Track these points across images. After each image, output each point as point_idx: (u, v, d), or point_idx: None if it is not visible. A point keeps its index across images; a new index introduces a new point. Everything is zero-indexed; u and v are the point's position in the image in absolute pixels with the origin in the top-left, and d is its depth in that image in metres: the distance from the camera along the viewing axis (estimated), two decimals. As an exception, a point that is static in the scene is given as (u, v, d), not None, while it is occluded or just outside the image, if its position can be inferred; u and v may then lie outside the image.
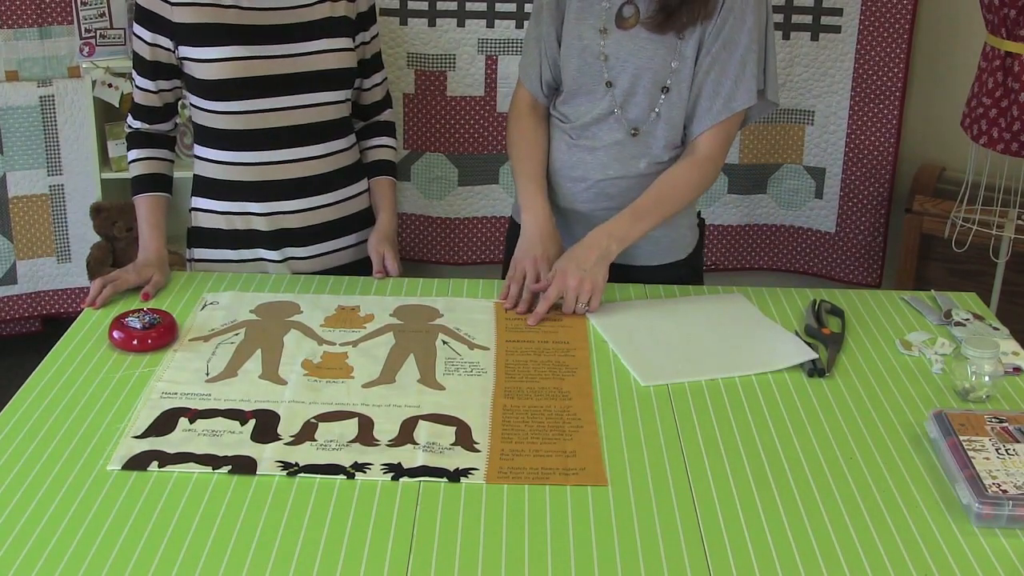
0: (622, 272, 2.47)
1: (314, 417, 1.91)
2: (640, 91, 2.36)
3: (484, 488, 1.74)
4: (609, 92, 2.38)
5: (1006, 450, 1.77)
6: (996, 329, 2.28)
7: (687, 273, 2.54)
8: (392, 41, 4.04)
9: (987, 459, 1.75)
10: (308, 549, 1.60)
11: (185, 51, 2.42)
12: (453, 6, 4.03)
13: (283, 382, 2.03)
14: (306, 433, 1.87)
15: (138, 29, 2.44)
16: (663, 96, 2.35)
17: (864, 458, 1.84)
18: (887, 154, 4.12)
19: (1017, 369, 2.12)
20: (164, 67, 2.46)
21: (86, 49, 3.94)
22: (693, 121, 2.39)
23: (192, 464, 1.77)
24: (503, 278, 2.54)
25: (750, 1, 2.30)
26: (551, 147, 2.51)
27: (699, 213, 2.63)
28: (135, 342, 2.12)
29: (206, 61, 2.40)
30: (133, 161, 2.54)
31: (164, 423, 1.89)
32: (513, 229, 2.68)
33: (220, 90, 2.42)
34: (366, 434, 1.87)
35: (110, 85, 3.92)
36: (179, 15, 2.39)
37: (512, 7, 4.02)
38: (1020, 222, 3.46)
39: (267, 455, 1.80)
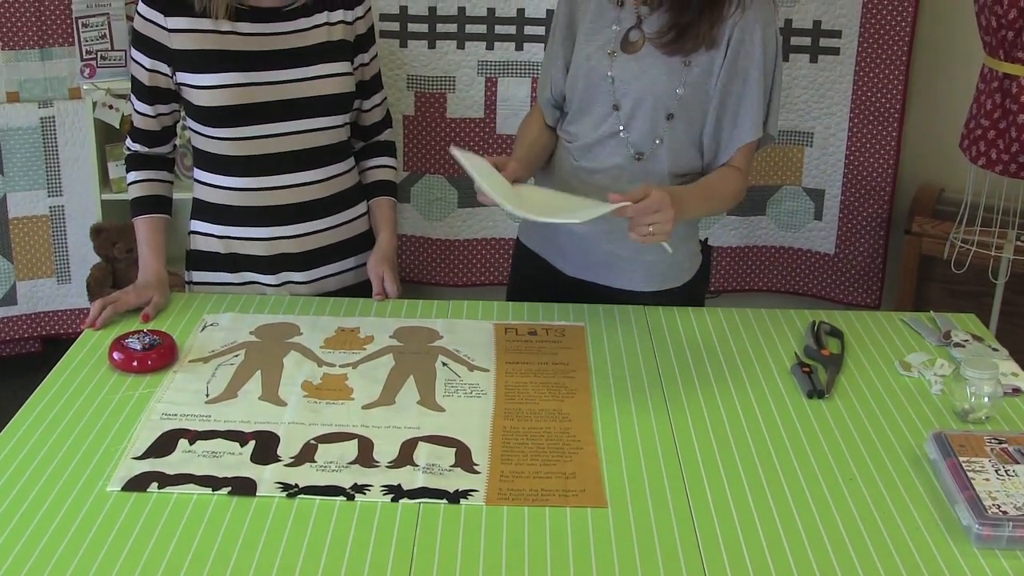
0: (613, 296, 2.48)
1: (314, 438, 1.91)
2: (642, 115, 2.37)
3: (484, 510, 1.74)
4: (614, 115, 2.39)
5: (1006, 471, 1.77)
6: (995, 350, 2.28)
7: (684, 301, 2.52)
8: (392, 63, 4.05)
9: (987, 480, 1.75)
10: (308, 571, 1.59)
11: (183, 77, 2.42)
12: (453, 28, 4.05)
13: (283, 403, 2.03)
14: (306, 454, 1.87)
15: (136, 54, 2.44)
16: (667, 123, 2.36)
17: (864, 479, 1.84)
18: (886, 175, 4.13)
19: (1016, 390, 2.12)
20: (163, 92, 2.47)
21: (87, 71, 3.95)
22: (716, 153, 2.40)
23: (192, 485, 1.77)
24: (507, 300, 2.55)
25: (758, 34, 2.31)
26: (556, 166, 2.51)
27: (706, 240, 2.63)
28: (135, 363, 2.12)
29: (204, 88, 2.40)
30: (132, 183, 2.55)
31: (164, 444, 1.89)
32: (520, 250, 2.68)
33: (218, 116, 2.42)
34: (366, 455, 1.87)
35: (111, 106, 3.93)
36: (177, 42, 2.40)
37: (512, 29, 4.04)
38: (1019, 243, 3.47)
39: (267, 476, 1.80)
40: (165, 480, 1.78)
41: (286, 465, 1.84)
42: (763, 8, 2.32)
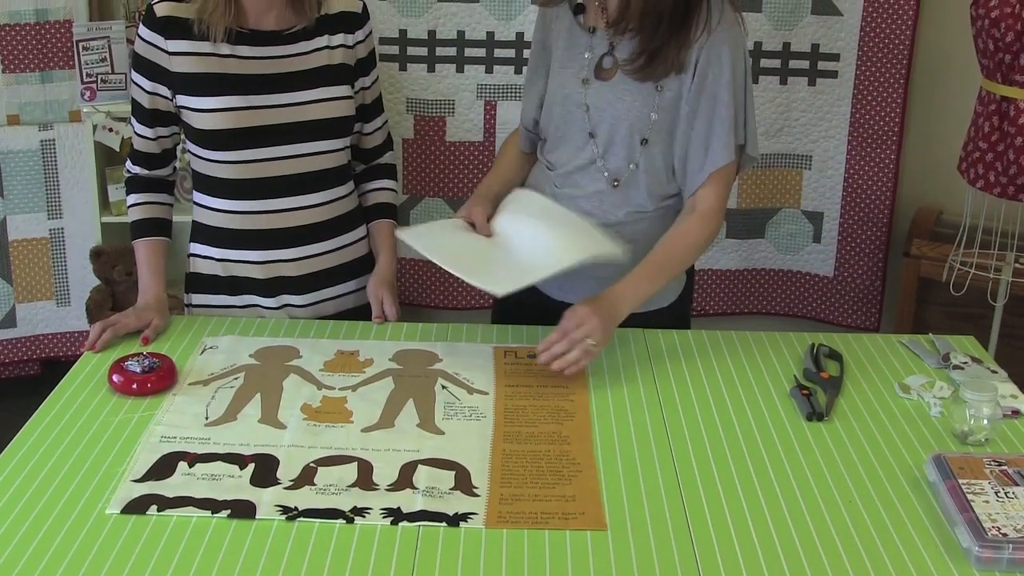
0: None
1: (313, 461, 1.91)
2: (618, 141, 2.37)
3: (483, 533, 1.73)
4: (591, 142, 2.39)
5: (1005, 493, 1.77)
6: (994, 372, 2.28)
7: (670, 321, 2.51)
8: (391, 86, 4.06)
9: (987, 502, 1.75)
10: (307, 594, 1.60)
11: (183, 100, 2.43)
12: (452, 51, 4.06)
13: (282, 426, 2.03)
14: (305, 477, 1.86)
15: (136, 77, 2.45)
16: (642, 148, 2.36)
17: (863, 502, 1.83)
18: (885, 198, 4.14)
19: (1016, 412, 2.12)
20: (163, 115, 2.47)
21: (87, 94, 3.96)
22: (686, 179, 2.38)
23: (191, 508, 1.77)
24: (492, 323, 2.55)
25: (726, 56, 2.30)
26: (538, 190, 2.51)
27: None
28: (134, 386, 2.12)
29: (204, 111, 2.41)
30: (132, 206, 2.55)
31: (163, 467, 1.89)
32: None
33: (218, 139, 2.43)
34: (365, 478, 1.87)
35: (111, 129, 3.94)
36: (177, 65, 2.41)
37: (511, 53, 4.05)
38: (1018, 265, 3.47)
39: (266, 499, 1.80)
40: (164, 503, 1.78)
41: (285, 488, 1.83)
42: (730, 30, 2.31)
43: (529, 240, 2.32)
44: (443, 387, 2.19)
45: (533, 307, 2.52)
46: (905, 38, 3.97)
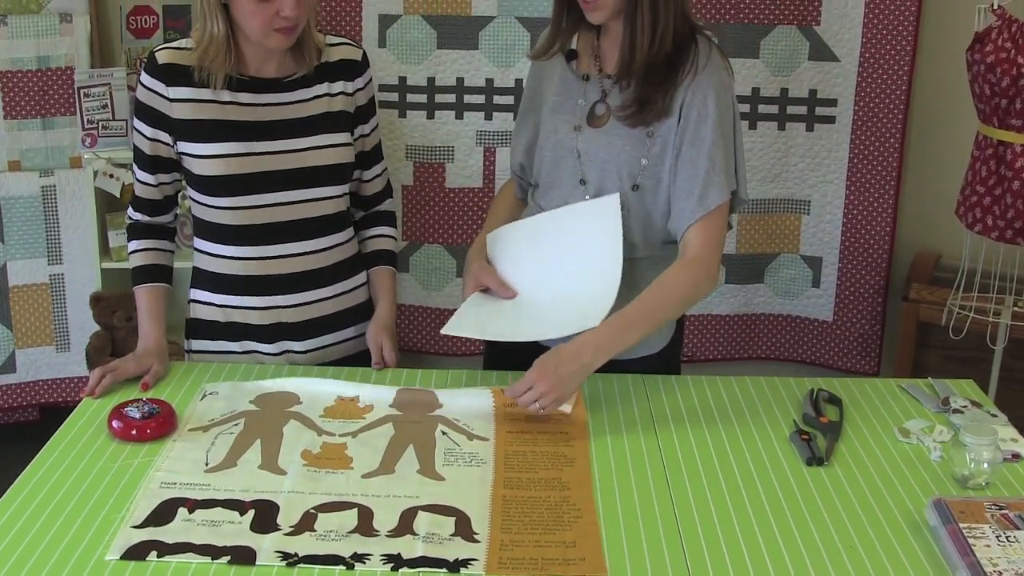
0: None
1: (313, 507, 1.91)
2: (609, 187, 2.36)
3: (484, 578, 1.73)
4: (581, 188, 2.39)
5: (1006, 537, 1.77)
6: (994, 416, 2.28)
7: (661, 366, 2.50)
8: (391, 133, 4.08)
9: (988, 546, 1.75)
10: (307, 641, 1.59)
11: (184, 146, 2.44)
12: (451, 98, 4.08)
13: (282, 472, 2.03)
14: (305, 523, 1.86)
15: (138, 124, 2.46)
16: (633, 193, 2.36)
17: (864, 547, 1.83)
18: (883, 242, 4.15)
19: (1016, 455, 2.12)
20: (164, 161, 2.48)
21: (88, 140, 3.98)
22: (674, 223, 2.36)
23: (191, 554, 1.77)
24: (484, 368, 2.56)
25: (711, 98, 2.29)
26: None
27: None
28: (134, 432, 2.12)
29: (204, 157, 2.42)
30: (133, 252, 2.56)
31: (163, 513, 1.88)
32: None
33: (218, 186, 2.44)
34: (366, 524, 1.86)
35: (111, 176, 3.95)
36: (178, 111, 2.42)
37: (510, 99, 4.07)
38: (1017, 308, 3.48)
39: (266, 545, 1.79)
40: (164, 549, 1.78)
41: (286, 534, 1.83)
42: (716, 73, 2.31)
43: (549, 298, 2.38)
44: (443, 433, 2.19)
45: (523, 353, 2.40)
46: (902, 83, 3.99)
